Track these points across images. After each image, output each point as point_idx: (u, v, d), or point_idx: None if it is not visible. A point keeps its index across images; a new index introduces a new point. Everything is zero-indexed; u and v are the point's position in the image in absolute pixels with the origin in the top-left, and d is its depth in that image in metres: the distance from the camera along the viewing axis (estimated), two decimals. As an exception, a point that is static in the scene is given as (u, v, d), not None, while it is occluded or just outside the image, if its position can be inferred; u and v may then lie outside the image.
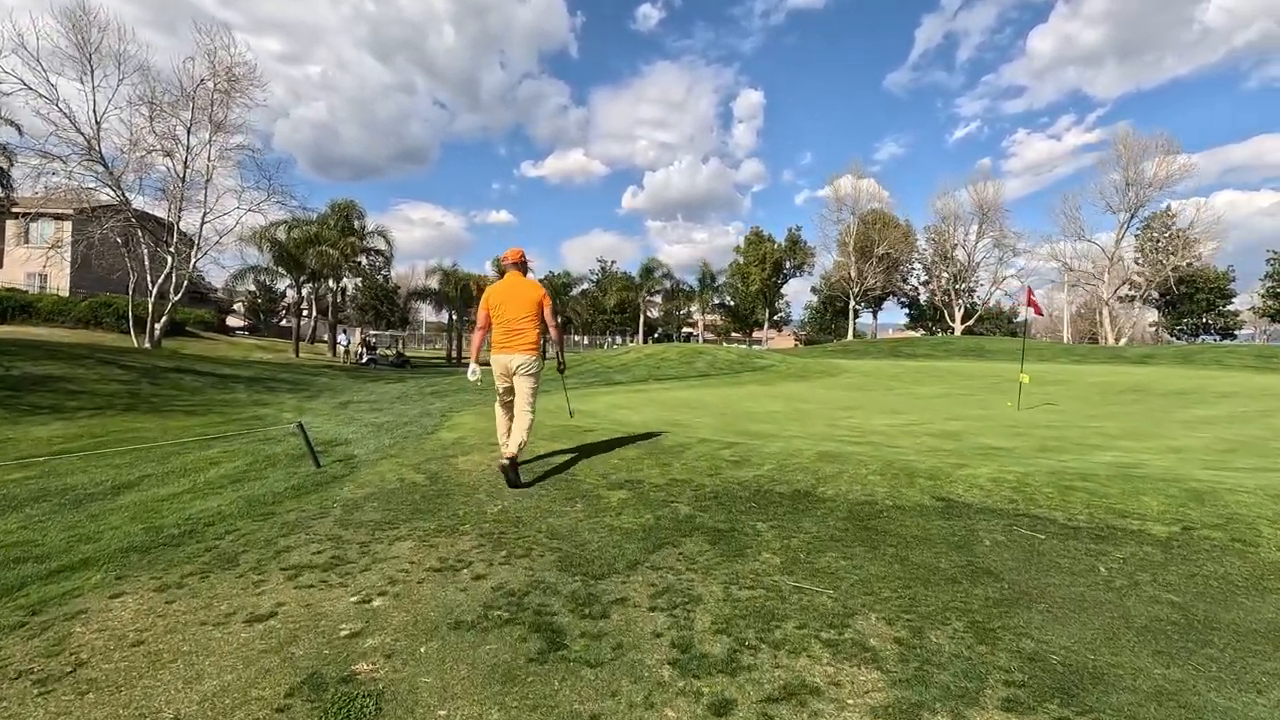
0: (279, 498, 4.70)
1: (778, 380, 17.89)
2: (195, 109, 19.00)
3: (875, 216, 49.52)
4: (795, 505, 3.93)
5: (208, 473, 5.84)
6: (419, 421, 8.79)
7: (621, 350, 23.65)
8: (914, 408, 10.40)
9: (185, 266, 20.28)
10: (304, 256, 29.28)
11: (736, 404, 10.84)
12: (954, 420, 8.35)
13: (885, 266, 50.14)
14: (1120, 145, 43.05)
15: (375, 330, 58.17)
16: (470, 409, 10.69)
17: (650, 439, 6.01)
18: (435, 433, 7.56)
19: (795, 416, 8.59)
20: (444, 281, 38.18)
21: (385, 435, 7.66)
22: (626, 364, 19.85)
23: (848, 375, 19.28)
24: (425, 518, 4.02)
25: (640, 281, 52.99)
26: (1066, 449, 5.80)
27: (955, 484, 4.12)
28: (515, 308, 4.92)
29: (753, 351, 23.29)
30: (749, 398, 12.34)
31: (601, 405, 10.43)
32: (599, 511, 3.97)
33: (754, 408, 10.09)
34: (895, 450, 5.51)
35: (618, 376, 17.59)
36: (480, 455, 5.79)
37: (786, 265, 56.08)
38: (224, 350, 28.97)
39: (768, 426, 7.34)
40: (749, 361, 20.78)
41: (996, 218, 48.68)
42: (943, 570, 2.93)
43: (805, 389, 15.01)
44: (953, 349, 36.86)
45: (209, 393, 14.88)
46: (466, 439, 6.78)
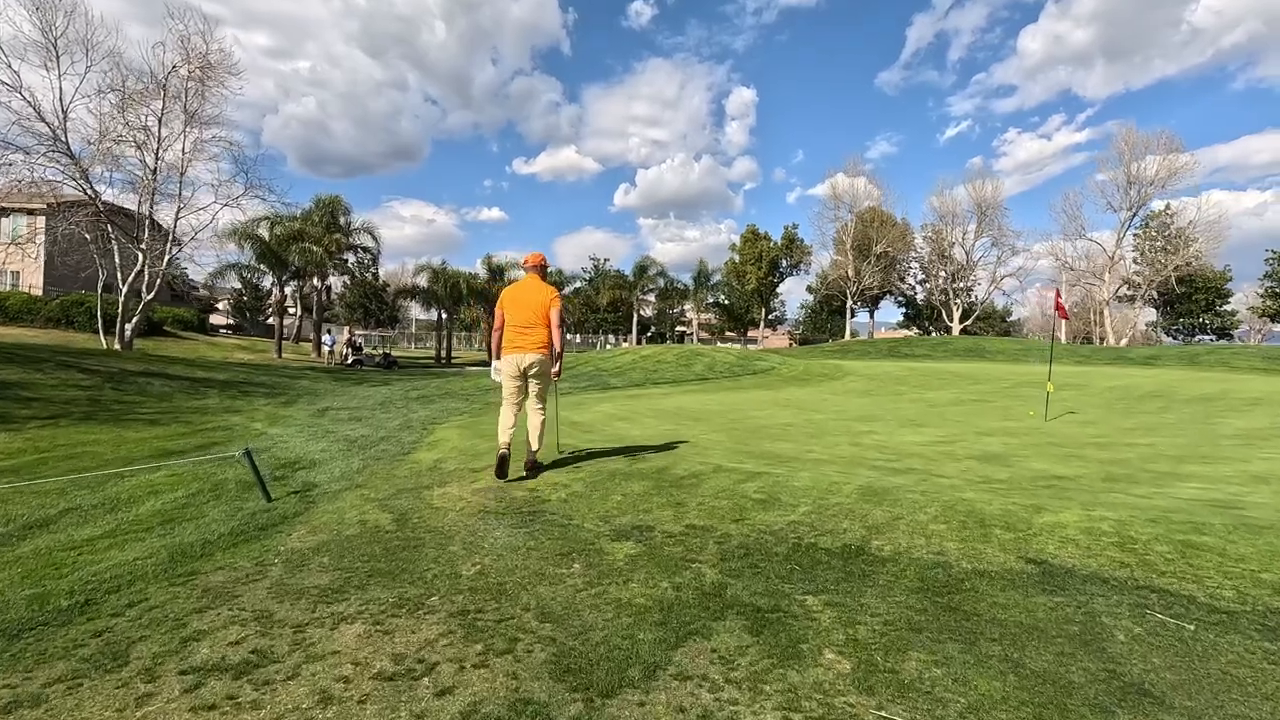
0: (211, 547, 3.87)
1: (780, 384, 17.12)
2: (167, 98, 18.00)
3: (873, 214, 48.81)
4: (848, 567, 3.14)
5: (141, 506, 4.99)
6: (397, 437, 7.95)
7: (616, 351, 22.84)
8: (934, 418, 9.65)
9: (159, 264, 19.29)
10: (287, 253, 28.23)
11: (743, 413, 10.06)
12: (987, 436, 7.59)
13: (883, 265, 49.46)
14: (1121, 142, 42.60)
15: (364, 329, 57.10)
16: (454, 419, 9.86)
17: (657, 463, 5.20)
18: (412, 452, 6.73)
19: (813, 431, 7.80)
20: (433, 280, 37.16)
21: (356, 455, 6.82)
22: (621, 366, 19.05)
23: (851, 378, 18.55)
24: (384, 583, 3.20)
25: (634, 280, 52.12)
26: (1136, 478, 5.04)
27: (1041, 537, 3.34)
28: (526, 308, 5.13)
29: (752, 353, 22.54)
30: (754, 405, 11.56)
31: (598, 416, 9.62)
32: (602, 576, 3.16)
33: (763, 419, 9.31)
34: (944, 481, 4.73)
35: (613, 380, 16.79)
36: (459, 487, 4.96)
37: (783, 264, 55.32)
38: (203, 351, 27.94)
39: (786, 446, 6.55)
40: (748, 364, 20.02)
41: (994, 216, 48.18)
42: (1078, 687, 2.14)
43: (812, 395, 14.25)
44: (952, 349, 36.25)
45: (178, 399, 13.97)
46: (446, 462, 5.96)
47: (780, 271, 55.83)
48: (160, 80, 17.60)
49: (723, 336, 69.18)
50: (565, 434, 7.39)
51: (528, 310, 5.12)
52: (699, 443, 6.69)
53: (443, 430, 8.41)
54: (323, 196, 32.06)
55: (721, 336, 69.12)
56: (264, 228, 28.87)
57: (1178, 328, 52.96)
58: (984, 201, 47.60)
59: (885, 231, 48.30)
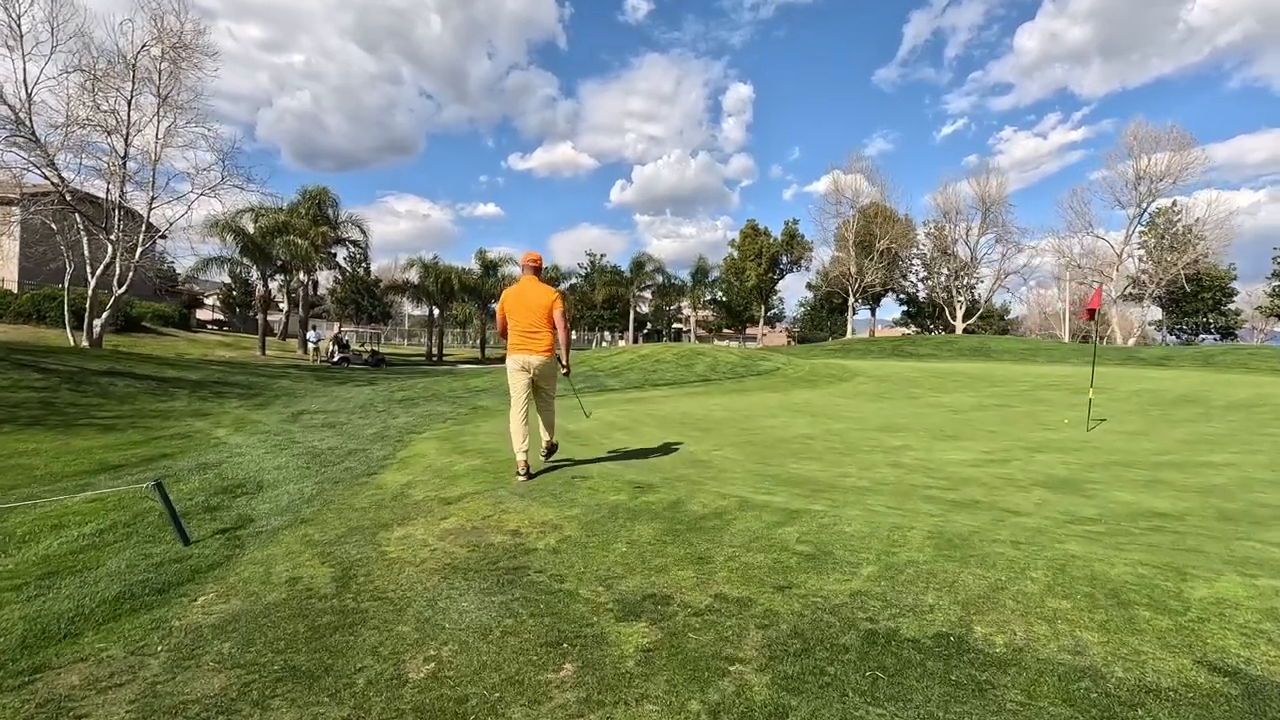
0: (84, 621, 2.92)
1: (786, 386, 16.22)
2: (137, 80, 16.88)
3: (876, 210, 47.84)
4: (952, 674, 2.21)
5: (32, 547, 4.04)
6: (366, 451, 7.00)
7: (613, 350, 21.89)
8: (966, 429, 8.74)
9: (132, 256, 18.22)
10: (270, 247, 27.13)
11: (755, 422, 9.14)
12: (1039, 453, 6.68)
13: (886, 262, 48.48)
14: (1130, 137, 41.64)
15: (356, 326, 55.98)
16: (436, 427, 8.92)
17: (667, 495, 4.27)
18: (380, 472, 5.79)
19: (840, 446, 6.87)
20: (424, 275, 36.08)
21: (314, 474, 5.87)
22: (619, 366, 18.11)
23: (860, 380, 17.65)
24: (296, 692, 2.26)
25: (630, 276, 51.07)
26: (1256, 515, 4.13)
27: (1209, 625, 2.42)
28: (529, 311, 5.08)
29: (755, 352, 21.63)
30: (765, 411, 10.64)
31: (595, 424, 8.69)
32: (605, 686, 2.22)
33: (778, 428, 8.38)
34: (1027, 523, 3.81)
35: (610, 381, 15.85)
36: (424, 526, 4.02)
37: (783, 260, 54.30)
38: (183, 348, 26.85)
39: (815, 467, 5.62)
40: (752, 364, 19.10)
41: (999, 212, 47.21)
42: None
43: (823, 399, 13.34)
44: (957, 348, 35.42)
45: (141, 401, 12.98)
46: (415, 487, 5.02)
47: (780, 268, 54.82)
48: (129, 61, 16.53)
49: (720, 334, 68.30)
50: (560, 439, 6.49)
51: (531, 313, 5.09)
52: (713, 462, 5.76)
53: (420, 443, 7.46)
54: (309, 188, 30.97)
55: (719, 334, 68.23)
56: (248, 220, 27.79)
57: (1181, 327, 52.32)
58: (988, 197, 46.71)
59: (888, 227, 47.34)
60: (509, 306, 5.15)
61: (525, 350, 5.11)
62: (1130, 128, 42.53)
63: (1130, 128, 42.53)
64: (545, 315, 5.10)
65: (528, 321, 5.09)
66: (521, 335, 5.11)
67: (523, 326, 5.11)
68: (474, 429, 8.53)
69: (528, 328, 5.10)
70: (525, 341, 5.11)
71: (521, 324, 5.11)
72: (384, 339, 60.78)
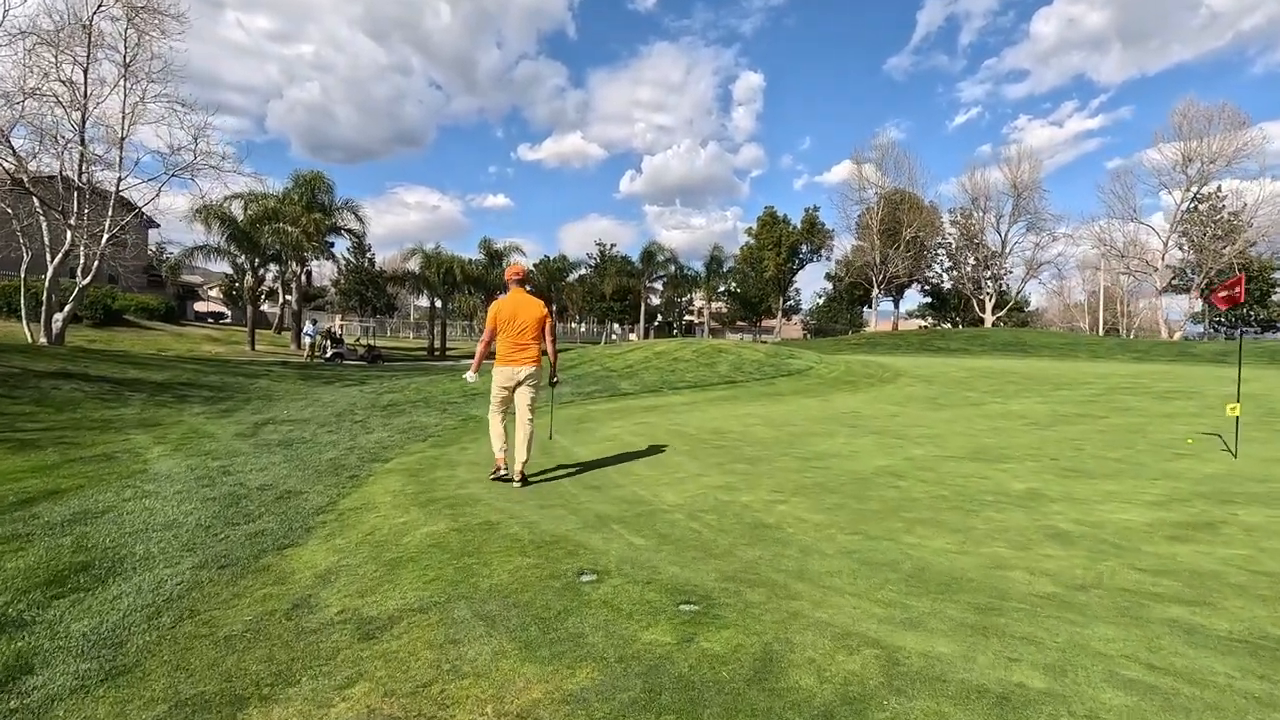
0: None
1: (824, 389, 14.33)
2: (94, 45, 15.07)
3: (902, 197, 45.42)
4: None
5: None
6: (303, 496, 5.19)
7: (626, 347, 20.06)
8: (1085, 457, 6.84)
9: (97, 244, 16.49)
10: (259, 235, 25.39)
11: (809, 445, 7.26)
12: (1234, 505, 4.76)
13: (913, 251, 46.03)
14: (1179, 116, 38.95)
15: (358, 318, 54.40)
16: (410, 450, 7.11)
17: (737, 629, 2.43)
18: (298, 544, 3.98)
19: (950, 495, 4.96)
20: (425, 265, 34.26)
21: (209, 542, 4.08)
22: (633, 366, 16.27)
23: (905, 381, 15.73)
24: None
25: (641, 267, 48.97)
26: None
27: None
28: (522, 323, 5.19)
29: (781, 349, 19.73)
30: (813, 426, 8.76)
31: (606, 448, 6.87)
32: None
33: (843, 455, 6.50)
34: None
35: (624, 384, 14.01)
36: (328, 684, 2.18)
37: (803, 249, 51.92)
38: (166, 342, 25.21)
39: (943, 543, 3.73)
40: (779, 363, 17.20)
41: (1031, 199, 44.51)
42: None
43: (874, 406, 11.44)
44: (990, 343, 33.36)
45: (85, 408, 11.29)
46: (334, 582, 3.21)
47: (800, 257, 52.43)
48: (84, 20, 14.71)
49: (733, 326, 66.30)
50: (566, 478, 4.70)
51: (523, 326, 5.20)
52: (786, 532, 3.91)
53: (380, 479, 5.67)
54: (302, 173, 29.10)
55: (732, 326, 66.23)
56: (237, 206, 26.08)
57: (1220, 320, 49.88)
58: (1020, 183, 44.15)
59: (915, 215, 44.87)
60: (501, 318, 5.24)
61: (513, 362, 5.20)
62: (1179, 106, 39.89)
63: (1179, 106, 39.89)
64: (536, 329, 5.22)
65: (520, 334, 5.20)
66: (512, 347, 5.21)
67: (514, 338, 5.21)
68: (456, 456, 6.73)
69: (519, 340, 5.21)
70: (514, 353, 5.21)
71: (513, 336, 5.20)
72: (391, 332, 59.26)
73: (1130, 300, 63.55)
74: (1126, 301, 63.83)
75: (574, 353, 19.43)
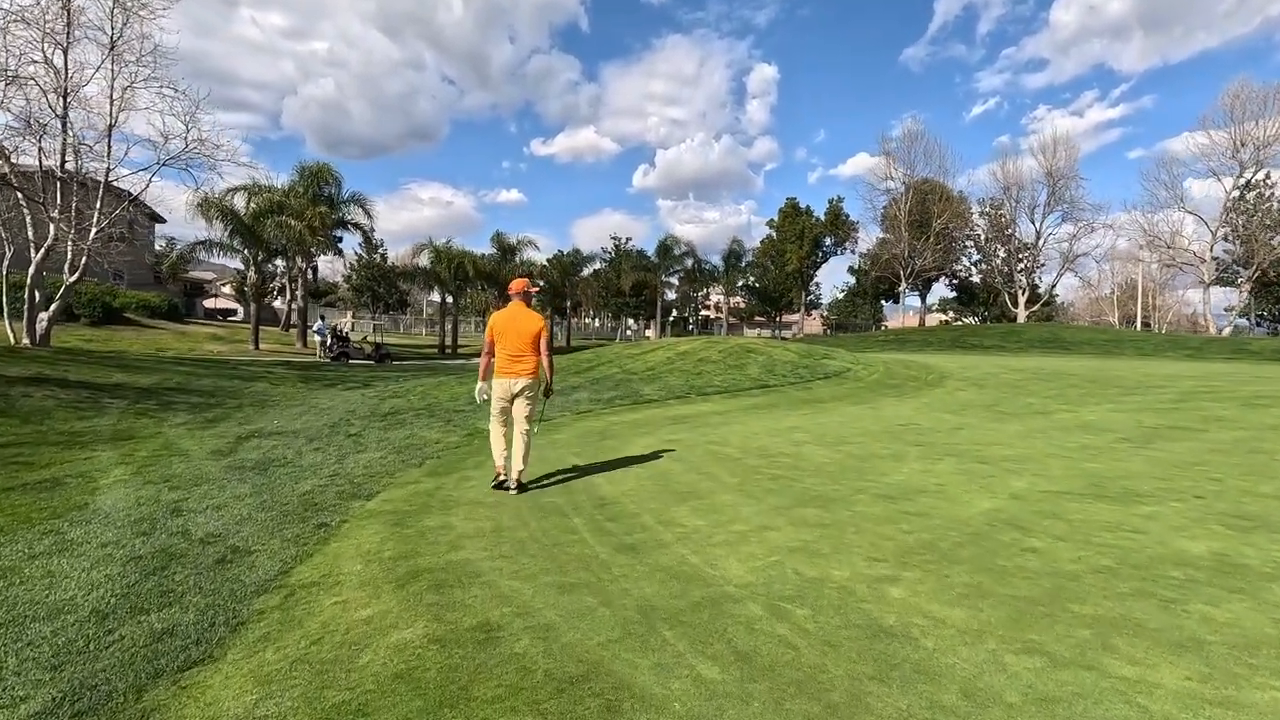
0: None
1: (868, 394, 13.00)
2: (73, 21, 13.97)
3: (930, 187, 43.52)
4: None
5: None
6: (251, 558, 4.00)
7: (646, 346, 18.80)
8: (1233, 493, 5.50)
9: (85, 239, 15.46)
10: (261, 229, 24.34)
11: (883, 475, 5.97)
12: None
13: (945, 244, 44.04)
14: (1230, 99, 36.76)
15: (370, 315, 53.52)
16: (405, 478, 5.92)
17: None
18: (212, 660, 2.77)
19: (1114, 565, 3.65)
20: (435, 260, 33.15)
21: (86, 658, 2.87)
22: (655, 367, 15.02)
23: (954, 384, 14.35)
24: None
25: (657, 262, 47.53)
26: None
27: None
28: (517, 337, 5.32)
29: (813, 348, 18.38)
30: (873, 444, 7.45)
31: (636, 478, 5.64)
32: None
33: (928, 489, 5.21)
34: None
35: (647, 389, 12.76)
36: None
37: (826, 242, 50.13)
38: (167, 341, 24.29)
39: (1187, 682, 2.44)
40: (814, 364, 15.87)
41: (1068, 187, 42.25)
42: None
43: (931, 417, 10.09)
44: (1026, 339, 31.74)
45: (55, 418, 10.24)
46: (274, 711, 1.97)
47: (823, 250, 50.63)
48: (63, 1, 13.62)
49: (751, 322, 64.78)
50: (589, 526, 3.49)
51: (519, 338, 5.32)
52: (931, 653, 2.64)
53: (356, 531, 4.48)
54: (307, 164, 28.02)
55: (750, 322, 64.71)
56: (240, 199, 25.09)
57: (1263, 314, 47.74)
58: (1055, 171, 42.08)
59: (944, 205, 42.92)
60: (499, 330, 5.37)
61: (510, 374, 5.33)
62: (1231, 88, 37.63)
63: (1231, 88, 37.63)
64: (532, 342, 5.31)
65: (516, 346, 5.30)
66: (508, 359, 5.33)
67: (510, 350, 5.32)
68: (454, 491, 5.51)
69: (515, 352, 5.31)
70: (511, 365, 5.33)
71: (510, 348, 5.32)
72: (404, 328, 58.38)
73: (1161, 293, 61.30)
74: (1158, 294, 61.57)
75: (590, 353, 18.19)
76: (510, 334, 5.29)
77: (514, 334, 5.29)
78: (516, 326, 5.30)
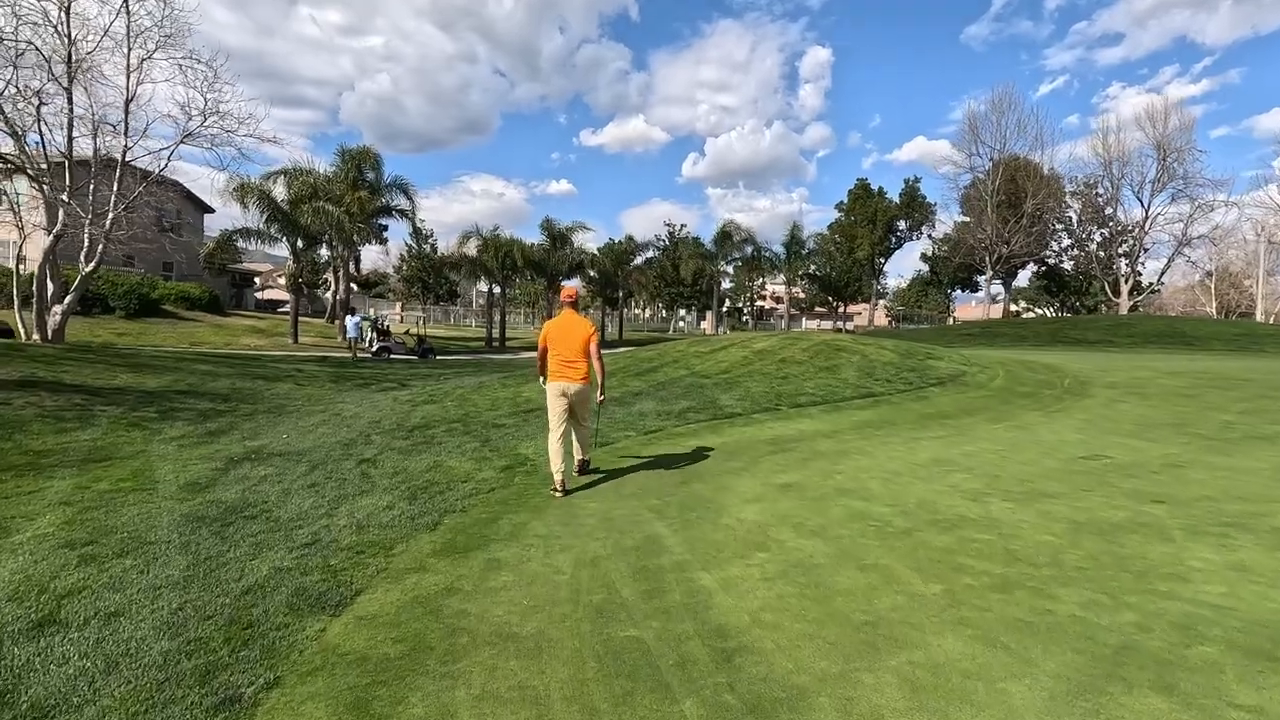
0: None
1: (1001, 407, 10.43)
2: (78, -22, 12.56)
3: (1020, 164, 39.28)
4: None
5: None
6: None
7: (714, 342, 16.49)
8: None
9: (101, 226, 14.13)
10: (297, 215, 23.00)
11: (1167, 572, 3.58)
12: None
13: (1040, 229, 39.70)
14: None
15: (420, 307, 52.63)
16: (406, 558, 3.85)
17: None
18: None
19: None
20: (483, 249, 31.46)
21: None
22: (729, 370, 12.72)
23: (1106, 394, 11.60)
24: None
25: (715, 250, 44.80)
26: None
27: None
28: (569, 343, 5.55)
29: (914, 348, 15.74)
30: (1111, 509, 4.99)
31: (765, 592, 3.27)
32: None
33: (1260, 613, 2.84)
34: None
35: (724, 398, 10.48)
36: None
37: (900, 226, 46.31)
38: (203, 335, 23.23)
39: None
40: (920, 366, 13.30)
41: (1182, 161, 37.35)
42: None
43: (1129, 448, 7.48)
44: (1138, 333, 28.08)
45: (29, 431, 8.68)
46: None
47: (897, 234, 46.80)
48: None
49: (811, 313, 61.50)
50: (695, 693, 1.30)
51: (572, 344, 5.53)
52: None
53: (285, 712, 2.39)
54: (348, 148, 26.58)
55: (809, 313, 61.44)
56: (279, 184, 23.81)
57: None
58: (1166, 142, 37.35)
59: (1038, 185, 38.62)
60: (551, 337, 5.62)
61: (564, 378, 5.49)
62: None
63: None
64: (583, 347, 5.54)
65: (568, 351, 5.51)
66: (561, 364, 5.52)
67: (563, 356, 5.52)
68: (478, 588, 3.38)
69: (568, 357, 5.51)
70: (565, 370, 5.50)
71: (562, 354, 5.52)
72: (454, 320, 57.36)
73: (1268, 279, 55.37)
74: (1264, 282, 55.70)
75: (651, 351, 15.98)
76: (562, 341, 5.55)
77: (566, 340, 5.54)
78: (568, 333, 5.57)
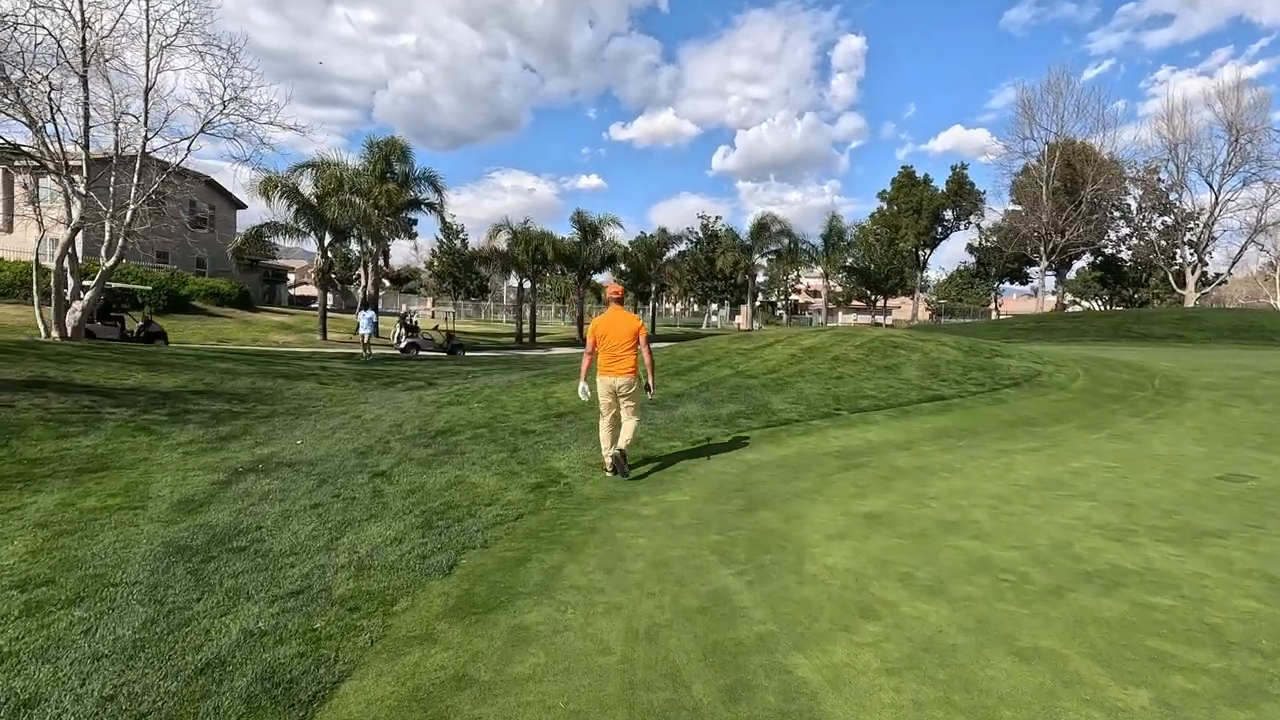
0: None
1: (1092, 412, 9.23)
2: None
3: (1076, 149, 37.06)
4: None
5: None
6: None
7: (757, 338, 15.43)
8: None
9: (121, 219, 13.68)
10: (324, 208, 22.54)
11: None
12: None
13: (1099, 216, 37.41)
14: None
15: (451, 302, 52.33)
16: (413, 622, 2.97)
17: None
18: None
19: None
20: (513, 243, 30.79)
21: None
22: (778, 370, 11.67)
23: (1207, 396, 10.30)
24: None
25: (751, 242, 43.44)
26: None
27: None
28: (618, 337, 5.77)
29: (977, 344, 14.50)
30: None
31: (885, 693, 2.28)
32: None
33: None
34: None
35: (775, 402, 9.46)
36: None
37: (947, 215, 44.23)
38: (230, 331, 22.95)
39: None
40: (989, 365, 12.10)
41: (1257, 142, 34.62)
42: None
43: (1257, 461, 6.30)
44: (1209, 327, 26.13)
45: (30, 435, 8.07)
46: None
47: (944, 224, 44.74)
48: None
49: (848, 306, 59.74)
50: None
51: (621, 339, 5.74)
52: None
53: None
54: (376, 140, 26.06)
55: (847, 306, 59.69)
56: (306, 177, 23.38)
57: None
58: (1239, 122, 34.74)
59: (1097, 170, 36.37)
60: (600, 333, 5.83)
61: (613, 372, 5.72)
62: None
63: None
64: (632, 341, 5.76)
65: (617, 346, 5.73)
66: (609, 359, 5.75)
67: (612, 350, 5.74)
68: (502, 679, 2.47)
69: (617, 352, 5.73)
70: (613, 365, 5.74)
71: (611, 347, 5.75)
72: (485, 315, 57.03)
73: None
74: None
75: (691, 349, 14.99)
76: (612, 335, 5.74)
77: (615, 335, 5.73)
78: (617, 328, 5.76)
